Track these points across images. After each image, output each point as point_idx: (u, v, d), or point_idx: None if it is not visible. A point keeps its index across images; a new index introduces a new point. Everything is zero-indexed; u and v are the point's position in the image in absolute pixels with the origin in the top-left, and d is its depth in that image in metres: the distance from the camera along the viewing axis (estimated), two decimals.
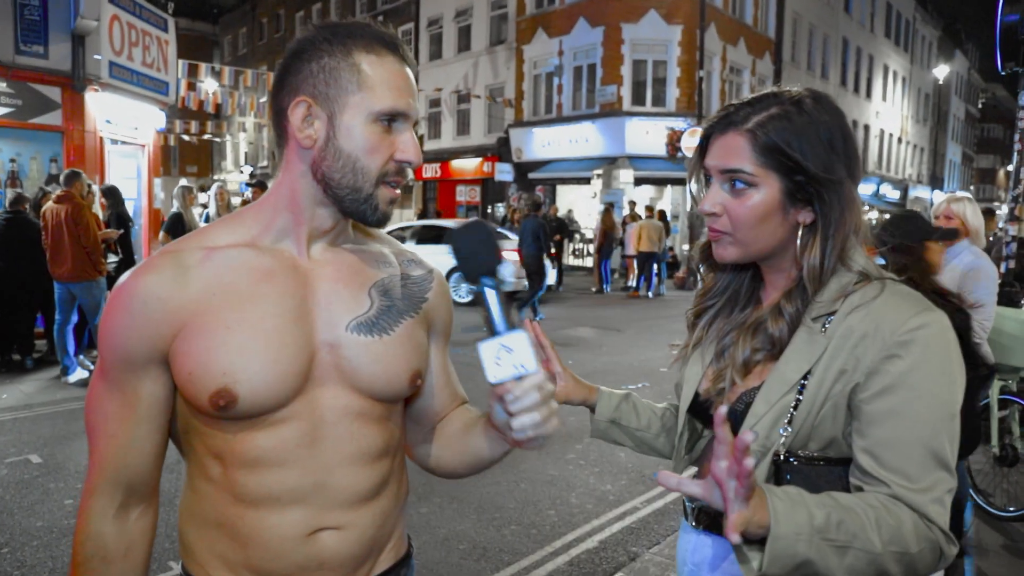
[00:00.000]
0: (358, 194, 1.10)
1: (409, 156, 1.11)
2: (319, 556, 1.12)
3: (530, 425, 1.03)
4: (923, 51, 40.13)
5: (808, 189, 1.17)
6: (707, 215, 1.23)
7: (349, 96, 1.07)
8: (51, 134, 9.02)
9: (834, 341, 1.13)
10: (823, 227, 1.18)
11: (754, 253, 1.23)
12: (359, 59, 1.08)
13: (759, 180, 1.18)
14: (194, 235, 1.14)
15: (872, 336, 1.10)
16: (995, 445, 4.21)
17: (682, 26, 20.57)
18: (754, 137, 1.18)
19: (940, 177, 44.85)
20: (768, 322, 1.21)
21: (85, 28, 8.72)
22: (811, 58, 28.30)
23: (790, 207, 1.19)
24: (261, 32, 38.32)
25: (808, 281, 1.18)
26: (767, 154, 1.17)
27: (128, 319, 1.06)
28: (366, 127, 1.08)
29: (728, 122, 1.21)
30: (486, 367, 1.04)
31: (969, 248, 3.76)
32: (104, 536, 1.11)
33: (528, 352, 1.03)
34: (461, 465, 1.28)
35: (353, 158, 1.08)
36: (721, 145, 1.22)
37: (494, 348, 1.04)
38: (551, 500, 4.41)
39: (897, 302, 1.13)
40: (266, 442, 1.08)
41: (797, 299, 1.20)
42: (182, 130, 25.16)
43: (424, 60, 26.83)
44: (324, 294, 1.13)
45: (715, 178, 1.23)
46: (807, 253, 1.19)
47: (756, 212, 1.19)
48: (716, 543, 1.25)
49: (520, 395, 1.02)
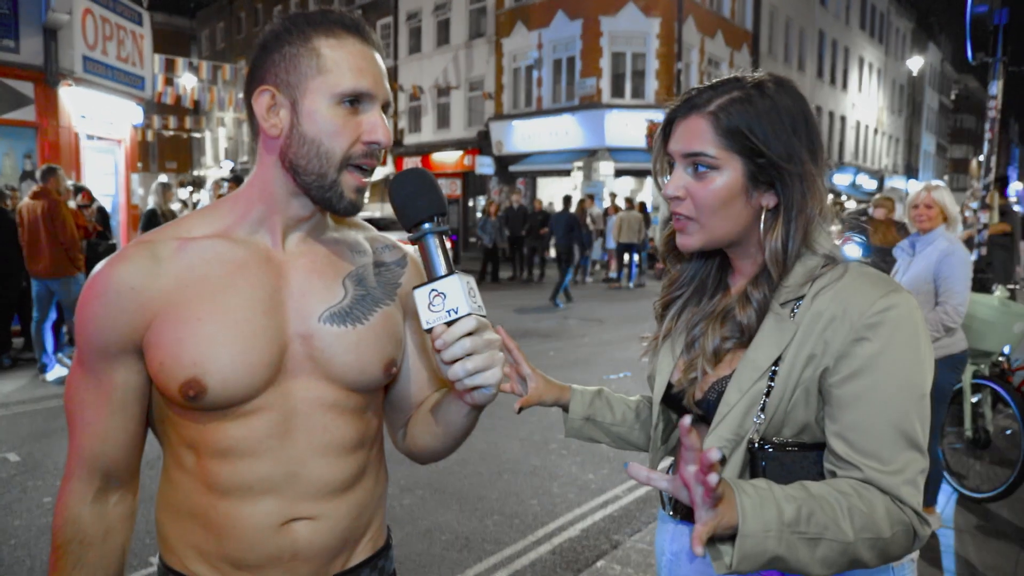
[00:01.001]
0: (323, 180, 1.08)
1: (377, 136, 1.09)
2: (292, 546, 1.12)
3: (462, 372, 1.01)
4: (897, 43, 40.54)
5: (770, 172, 1.18)
6: (670, 199, 1.22)
7: (309, 81, 1.07)
8: (25, 130, 8.90)
9: (803, 326, 1.14)
10: (785, 210, 1.18)
11: (718, 239, 1.22)
12: (318, 43, 1.07)
13: (721, 163, 1.18)
14: (169, 226, 1.14)
15: (840, 319, 1.11)
16: (968, 428, 4.30)
17: (660, 19, 20.63)
18: (716, 120, 1.18)
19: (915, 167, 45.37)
20: (736, 310, 1.21)
21: (57, 22, 8.60)
22: (788, 50, 28.50)
23: (753, 190, 1.19)
24: (239, 26, 37.92)
25: (771, 265, 1.18)
26: (729, 137, 1.17)
27: (101, 309, 1.06)
28: (329, 110, 1.07)
29: (690, 106, 1.21)
30: (420, 313, 1.02)
31: (944, 235, 3.83)
32: (82, 520, 1.12)
33: (460, 296, 1.00)
34: (434, 438, 1.25)
35: (317, 142, 1.07)
36: (684, 129, 1.22)
37: (427, 293, 1.02)
38: (533, 490, 4.43)
39: (863, 284, 1.13)
40: (238, 432, 1.08)
41: (763, 285, 1.20)
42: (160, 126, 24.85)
43: (403, 54, 26.71)
44: (298, 285, 1.13)
45: (678, 162, 1.23)
46: (769, 236, 1.19)
47: (719, 195, 1.19)
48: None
49: (449, 340, 1.00)
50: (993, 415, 4.43)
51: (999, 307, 4.30)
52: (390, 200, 1.08)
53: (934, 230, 3.85)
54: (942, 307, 3.70)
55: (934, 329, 3.72)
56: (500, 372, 1.04)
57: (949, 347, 3.80)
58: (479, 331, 1.02)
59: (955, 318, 3.69)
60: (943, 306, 3.70)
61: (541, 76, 22.39)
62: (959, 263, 3.72)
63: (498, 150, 23.37)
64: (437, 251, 1.05)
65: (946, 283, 3.71)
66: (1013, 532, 3.96)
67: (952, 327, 3.71)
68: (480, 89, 24.10)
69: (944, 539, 3.83)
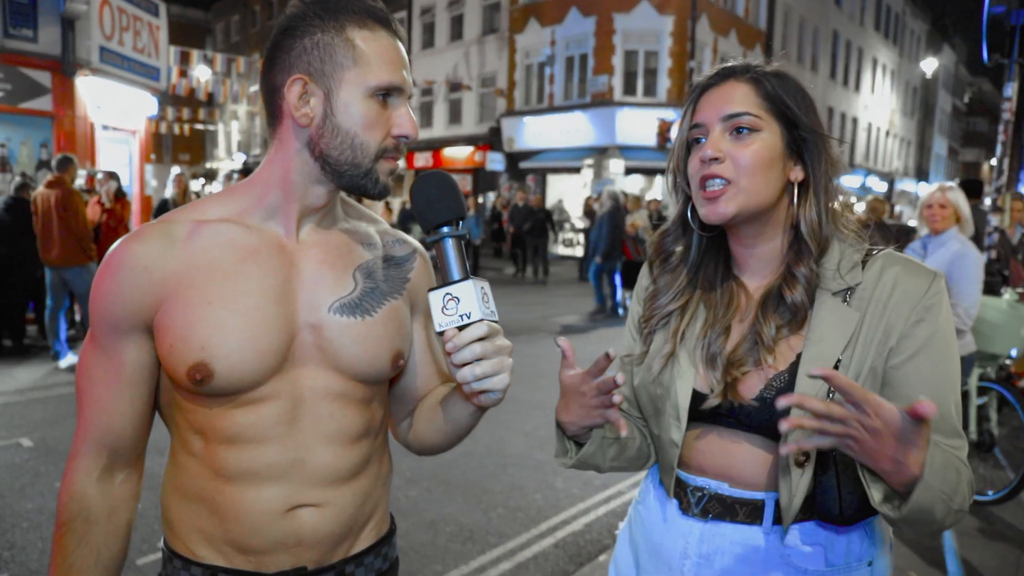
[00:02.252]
0: (358, 169, 1.10)
1: (406, 130, 1.11)
2: (297, 532, 1.13)
3: (471, 376, 1.04)
4: (912, 45, 40.25)
5: (801, 144, 1.20)
6: (708, 161, 1.18)
7: (345, 72, 1.07)
8: (41, 119, 8.97)
9: (868, 314, 1.15)
10: (815, 183, 1.20)
11: (754, 205, 1.18)
12: (353, 34, 1.08)
13: (763, 124, 1.18)
14: (187, 207, 1.15)
15: (901, 302, 1.14)
16: (973, 431, 4.30)
17: (674, 17, 20.56)
18: (759, 84, 1.20)
19: (926, 170, 45.06)
20: (783, 289, 1.19)
21: (75, 12, 8.67)
22: (801, 50, 28.35)
23: (788, 159, 1.20)
24: (254, 19, 37.99)
25: (809, 238, 1.18)
26: (770, 100, 1.18)
27: (115, 285, 1.07)
28: (363, 103, 1.08)
29: (727, 73, 1.22)
30: (433, 315, 1.04)
31: (956, 236, 3.82)
32: (88, 497, 1.13)
33: (474, 301, 1.02)
34: (438, 434, 1.27)
35: (352, 134, 1.08)
36: (721, 94, 1.21)
37: (441, 296, 1.04)
38: (537, 484, 4.46)
39: (914, 268, 1.17)
40: (246, 419, 1.10)
41: (806, 259, 1.19)
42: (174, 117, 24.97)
43: (417, 49, 26.71)
44: (308, 275, 1.14)
45: (715, 126, 1.19)
46: (804, 209, 1.20)
47: (762, 156, 1.17)
48: (734, 530, 1.21)
49: (460, 344, 1.03)
50: (998, 418, 4.42)
51: (1008, 310, 4.29)
52: (411, 201, 1.10)
53: (947, 231, 3.84)
54: (952, 309, 3.70)
55: None
56: (508, 378, 1.07)
57: (959, 349, 3.80)
58: (490, 337, 1.04)
59: (966, 320, 3.68)
60: (954, 308, 3.70)
61: (553, 73, 22.36)
62: (971, 265, 3.71)
63: (509, 146, 23.36)
64: (454, 255, 1.06)
65: (957, 285, 3.70)
66: (1016, 536, 3.96)
67: (962, 329, 3.71)
68: (492, 85, 24.09)
69: (947, 542, 3.84)
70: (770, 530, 1.19)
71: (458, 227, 1.07)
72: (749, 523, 1.20)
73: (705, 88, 1.23)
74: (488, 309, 1.04)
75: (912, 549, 3.77)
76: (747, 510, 1.20)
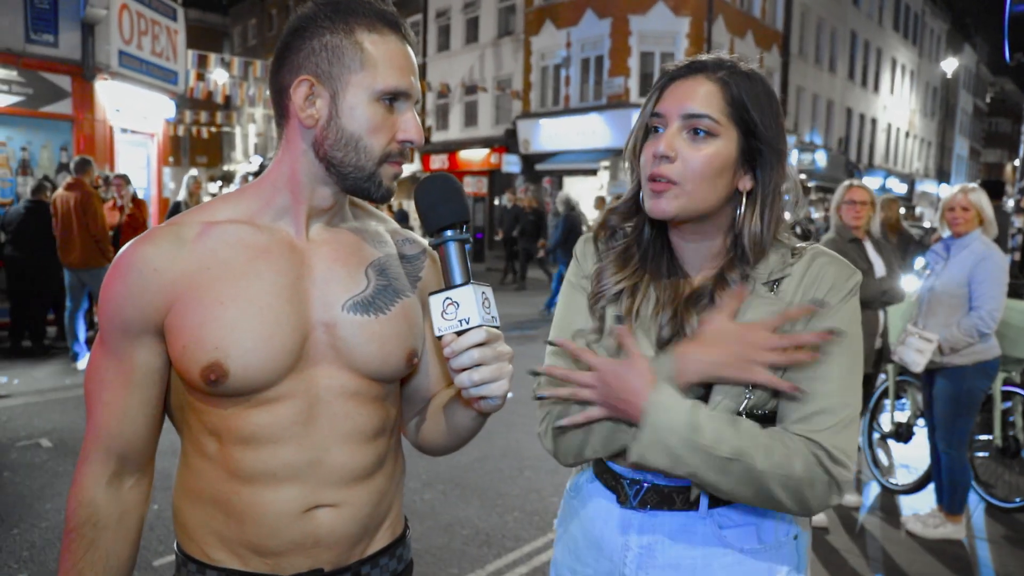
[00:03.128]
0: (361, 172, 1.10)
1: (411, 136, 1.10)
2: (314, 533, 1.13)
3: (468, 382, 1.04)
4: (932, 45, 39.84)
5: (755, 154, 1.19)
6: (659, 157, 1.18)
7: (352, 75, 1.07)
8: (61, 123, 9.04)
9: (793, 303, 1.19)
10: (763, 194, 1.20)
11: (694, 209, 1.19)
12: (361, 37, 1.07)
13: (722, 130, 1.17)
14: (196, 210, 1.15)
15: (821, 287, 1.19)
16: (998, 437, 4.22)
17: (690, 18, 20.47)
18: (726, 86, 1.18)
19: (947, 171, 44.57)
20: (713, 291, 1.21)
21: (95, 17, 8.74)
22: (819, 51, 28.13)
23: (739, 168, 1.20)
24: (271, 23, 38.27)
25: (750, 248, 1.20)
26: (734, 106, 1.17)
27: (124, 288, 1.07)
28: (368, 106, 1.07)
29: (699, 67, 1.20)
30: (433, 319, 1.04)
31: (980, 238, 3.75)
32: (97, 503, 1.12)
33: (473, 307, 1.02)
34: (442, 436, 1.27)
35: (356, 137, 1.08)
36: (686, 88, 1.19)
37: (441, 301, 1.03)
38: (555, 487, 4.44)
39: (837, 261, 1.22)
40: (261, 419, 1.09)
41: (739, 267, 1.21)
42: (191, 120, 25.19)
43: (432, 51, 26.79)
44: (321, 274, 1.13)
45: (674, 122, 1.19)
46: (748, 220, 1.21)
47: (714, 164, 1.17)
48: (672, 517, 1.26)
49: (457, 349, 1.03)
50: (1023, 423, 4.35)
51: None
52: (415, 203, 1.09)
53: (969, 233, 3.77)
54: (976, 312, 3.64)
55: (968, 335, 3.65)
56: (507, 384, 1.06)
57: (982, 353, 3.74)
58: (489, 342, 1.03)
59: (989, 323, 3.63)
60: (977, 311, 3.64)
61: (569, 75, 22.33)
62: (995, 268, 3.65)
63: (525, 148, 23.35)
64: (456, 259, 1.06)
65: (980, 288, 3.64)
66: None
67: (986, 332, 3.65)
68: (508, 87, 24.10)
69: (972, 549, 3.78)
70: (707, 514, 1.25)
71: (462, 231, 1.07)
72: (687, 510, 1.25)
73: (673, 77, 1.22)
74: (489, 315, 1.04)
75: (937, 557, 3.71)
76: (683, 498, 1.25)
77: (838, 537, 3.91)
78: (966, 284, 3.69)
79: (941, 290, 3.79)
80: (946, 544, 3.84)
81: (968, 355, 3.74)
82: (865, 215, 4.12)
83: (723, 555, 1.24)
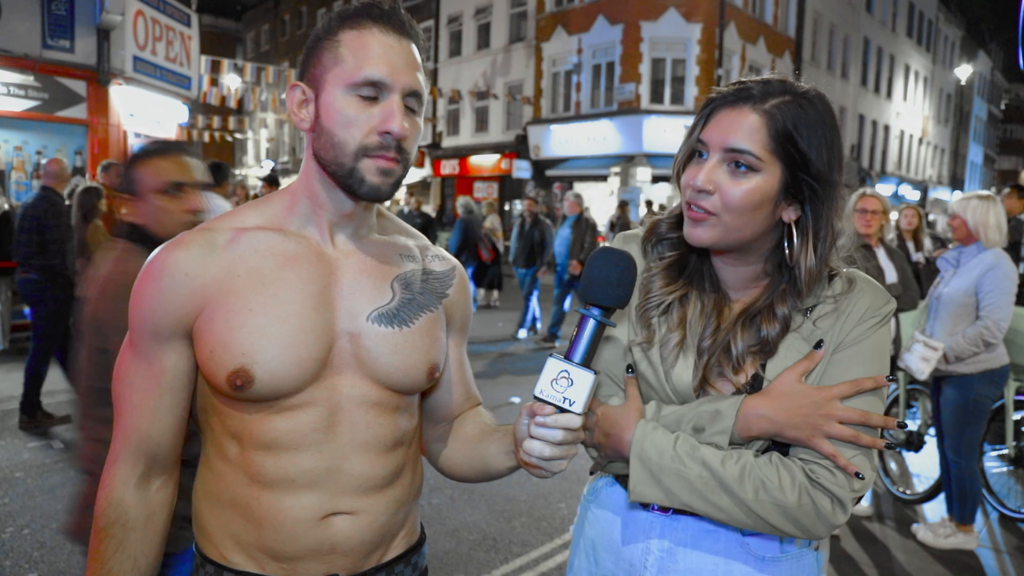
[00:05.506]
0: (342, 169, 1.08)
1: (389, 126, 1.06)
2: (331, 540, 1.13)
3: (538, 454, 1.05)
4: (946, 51, 39.64)
5: (803, 187, 1.16)
6: (698, 191, 1.16)
7: (327, 72, 1.08)
8: (76, 127, 9.15)
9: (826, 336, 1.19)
10: (814, 227, 1.18)
11: (731, 241, 1.18)
12: (341, 35, 1.08)
13: (764, 166, 1.14)
14: (227, 215, 1.16)
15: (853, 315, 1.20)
16: (1010, 447, 4.18)
17: (701, 24, 20.46)
18: (771, 119, 1.13)
19: (961, 178, 44.29)
20: (762, 322, 1.20)
21: (110, 23, 8.85)
22: (831, 57, 28.04)
23: (781, 200, 1.17)
24: (283, 29, 38.54)
25: (804, 284, 1.18)
26: (778, 140, 1.13)
27: (156, 292, 1.08)
28: (342, 100, 1.07)
29: (743, 96, 1.16)
30: (541, 379, 1.03)
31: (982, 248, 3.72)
32: (126, 503, 1.13)
33: (585, 394, 1.02)
34: (470, 470, 1.30)
35: (330, 133, 1.08)
36: (731, 119, 1.15)
37: (559, 369, 1.03)
38: (562, 493, 4.43)
39: (872, 288, 1.23)
40: (283, 425, 1.10)
41: (790, 300, 1.20)
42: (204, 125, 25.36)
43: (444, 57, 26.89)
44: (347, 283, 1.14)
45: (714, 154, 1.17)
46: (803, 255, 1.18)
47: (752, 198, 1.14)
48: (695, 522, 1.25)
49: (549, 423, 1.03)
50: None
51: None
52: (589, 265, 1.08)
53: (972, 244, 3.76)
54: (983, 321, 3.61)
55: (974, 344, 3.63)
56: (566, 464, 1.07)
57: (988, 362, 3.71)
58: (577, 431, 1.05)
59: (996, 333, 3.60)
60: (984, 320, 3.61)
61: (580, 81, 22.36)
62: (1003, 277, 3.62)
63: (536, 154, 23.38)
64: (591, 338, 1.06)
65: (988, 297, 3.61)
66: None
67: (992, 343, 3.63)
68: (519, 93, 24.15)
69: (984, 559, 3.75)
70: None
71: (610, 316, 1.07)
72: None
73: (720, 105, 1.19)
74: (589, 404, 1.05)
75: (948, 567, 3.68)
76: None
77: (849, 545, 3.89)
78: (974, 293, 3.66)
79: (948, 298, 3.77)
80: (957, 554, 3.81)
81: (975, 363, 3.71)
82: (876, 224, 4.12)
83: (744, 562, 1.23)
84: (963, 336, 3.65)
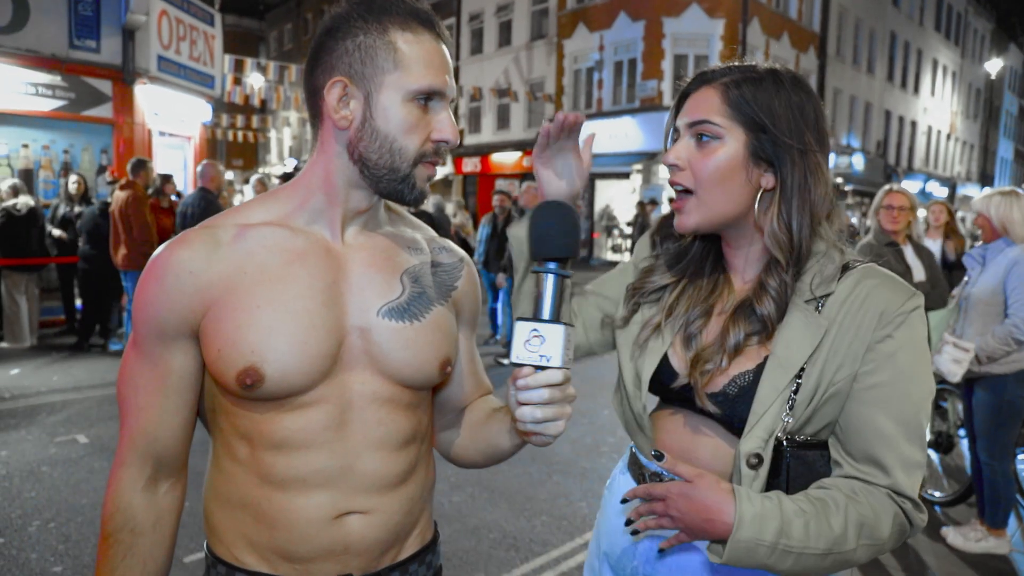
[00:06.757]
0: (395, 174, 1.08)
1: (446, 135, 1.09)
2: (345, 540, 1.11)
3: (530, 418, 1.03)
4: (975, 45, 38.94)
5: (771, 149, 1.17)
6: (670, 166, 1.22)
7: (385, 75, 1.06)
8: (102, 126, 9.27)
9: (836, 325, 1.14)
10: (783, 191, 1.17)
11: (716, 217, 1.21)
12: (395, 37, 1.06)
13: (724, 132, 1.18)
14: (230, 212, 1.14)
15: (871, 314, 1.13)
16: None
17: (724, 20, 20.28)
18: (725, 90, 1.19)
19: (990, 175, 43.52)
20: (754, 302, 1.19)
21: (135, 23, 8.94)
22: (857, 52, 27.66)
23: (753, 167, 1.19)
24: (306, 28, 38.80)
25: (772, 248, 1.18)
26: (735, 107, 1.18)
27: (160, 291, 1.06)
28: (402, 107, 1.06)
29: (702, 79, 1.23)
30: (514, 344, 1.02)
31: (1010, 244, 3.65)
32: (133, 508, 1.11)
33: (558, 347, 1.00)
34: (478, 454, 1.28)
35: (390, 139, 1.07)
36: (693, 101, 1.23)
37: (528, 329, 1.02)
38: (583, 492, 4.40)
39: (891, 283, 1.16)
40: (294, 424, 1.08)
41: (776, 272, 1.18)
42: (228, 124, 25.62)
43: (465, 55, 26.91)
44: (356, 279, 1.12)
45: (683, 133, 1.23)
46: (766, 218, 1.19)
47: (719, 167, 1.18)
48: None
49: (530, 384, 1.02)
50: None
51: None
52: (530, 225, 1.08)
53: (996, 241, 3.68)
54: (1011, 319, 3.52)
55: (1004, 343, 3.54)
56: (564, 425, 1.05)
57: (1020, 361, 3.62)
58: (562, 384, 1.03)
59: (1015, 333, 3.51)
60: (1012, 318, 3.52)
61: (602, 78, 22.27)
62: None
63: None
64: (554, 293, 1.04)
65: (1015, 293, 3.52)
66: None
67: (1023, 340, 3.54)
68: (541, 91, 24.10)
69: (1018, 564, 3.66)
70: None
71: (566, 266, 1.06)
72: None
73: (685, 94, 1.26)
74: (568, 357, 1.02)
75: (979, 571, 3.60)
76: None
77: None
78: (1001, 291, 3.58)
79: (977, 297, 3.68)
80: (989, 558, 3.73)
81: (1008, 364, 3.62)
82: (903, 220, 4.05)
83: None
84: (992, 335, 3.57)
